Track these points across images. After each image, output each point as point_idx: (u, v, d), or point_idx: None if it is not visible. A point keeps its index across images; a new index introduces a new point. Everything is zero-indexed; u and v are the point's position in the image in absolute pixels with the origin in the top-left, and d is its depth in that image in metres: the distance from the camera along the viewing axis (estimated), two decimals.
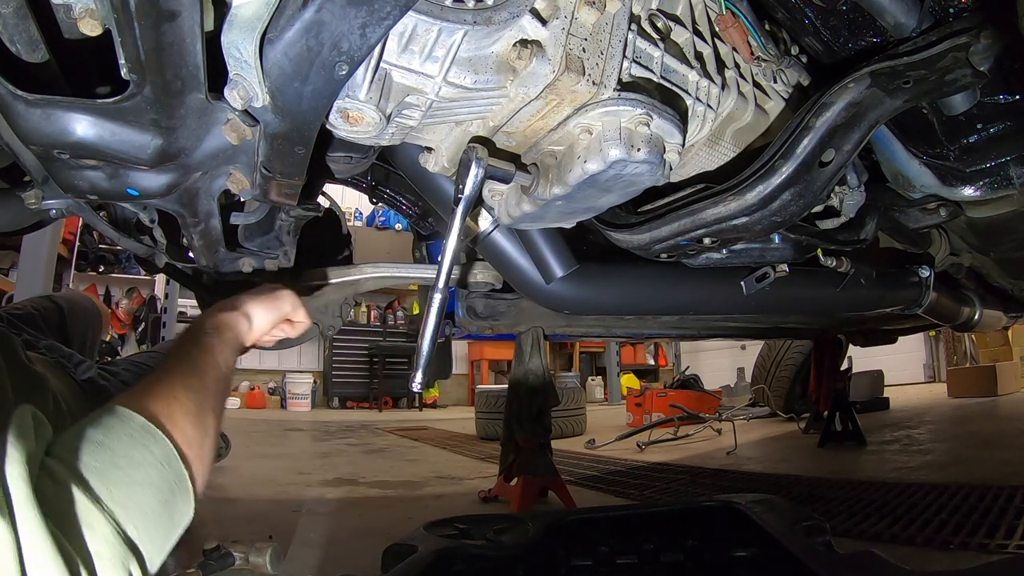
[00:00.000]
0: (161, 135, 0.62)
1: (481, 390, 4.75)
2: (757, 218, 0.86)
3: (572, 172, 0.71)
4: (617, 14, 0.68)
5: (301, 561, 1.45)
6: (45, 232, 3.23)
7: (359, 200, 7.61)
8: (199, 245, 0.94)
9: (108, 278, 6.37)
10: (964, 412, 3.97)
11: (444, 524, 1.11)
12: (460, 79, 0.63)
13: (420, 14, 0.57)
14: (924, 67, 0.75)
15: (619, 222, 0.99)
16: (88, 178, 0.70)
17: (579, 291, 1.11)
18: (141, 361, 1.45)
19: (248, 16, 0.53)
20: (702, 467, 2.70)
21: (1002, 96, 0.87)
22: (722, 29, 0.85)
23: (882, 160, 1.03)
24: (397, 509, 2.11)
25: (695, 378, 5.69)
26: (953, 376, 5.26)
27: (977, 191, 0.97)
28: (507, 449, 2.17)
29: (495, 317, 1.50)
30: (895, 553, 1.25)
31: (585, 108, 0.68)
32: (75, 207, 0.87)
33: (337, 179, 1.07)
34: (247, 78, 0.56)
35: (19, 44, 0.60)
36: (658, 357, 9.78)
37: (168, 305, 5.51)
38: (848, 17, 0.83)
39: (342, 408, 7.70)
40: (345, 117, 0.64)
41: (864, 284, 1.30)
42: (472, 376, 8.65)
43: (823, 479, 2.15)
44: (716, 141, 0.91)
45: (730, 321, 2.11)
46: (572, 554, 1.09)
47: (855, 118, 0.80)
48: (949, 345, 6.52)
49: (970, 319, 1.71)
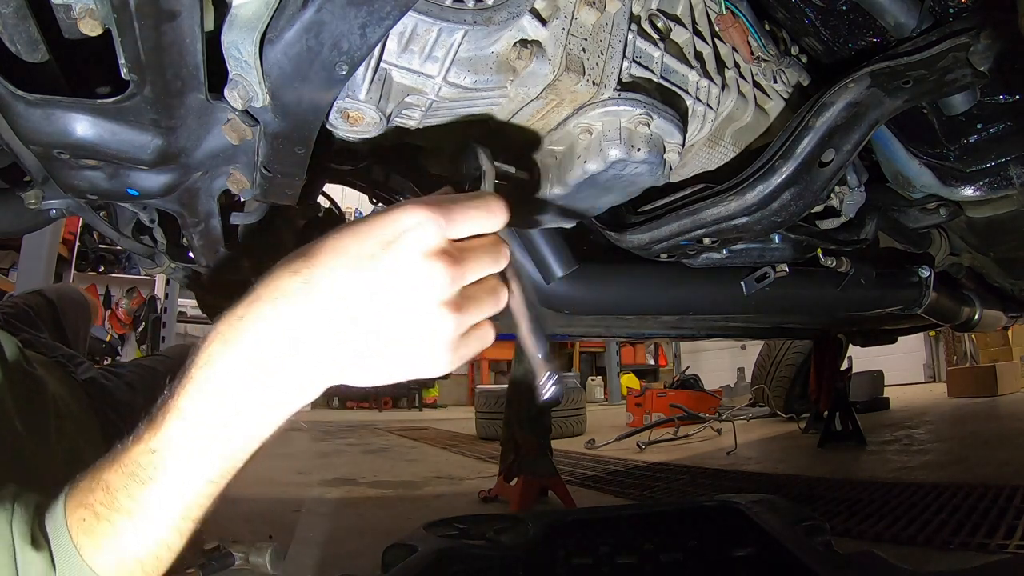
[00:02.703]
0: (161, 135, 0.62)
1: (481, 390, 4.75)
2: (757, 218, 0.86)
3: (572, 172, 0.71)
4: (617, 14, 0.68)
5: (301, 561, 1.45)
6: (45, 232, 3.24)
7: (359, 200, 7.61)
8: (199, 245, 0.94)
9: (108, 278, 6.36)
10: (964, 412, 3.97)
11: (444, 524, 1.12)
12: (460, 79, 0.63)
13: (420, 14, 0.57)
14: (924, 67, 0.75)
15: (619, 222, 0.99)
16: (88, 178, 0.70)
17: (579, 291, 1.11)
18: (147, 364, 1.42)
19: (248, 16, 0.53)
20: (702, 467, 2.70)
21: (1002, 96, 0.87)
22: (722, 29, 0.85)
23: (882, 160, 1.03)
24: (397, 509, 2.11)
25: (695, 378, 5.69)
26: (953, 376, 5.26)
27: (977, 191, 0.97)
28: (507, 449, 2.17)
29: (495, 317, 1.50)
30: (895, 553, 1.25)
31: (585, 108, 0.68)
32: (75, 207, 0.87)
33: (337, 179, 1.07)
34: (247, 78, 0.56)
35: (19, 44, 0.60)
36: (658, 357, 9.78)
37: (168, 305, 5.51)
38: (848, 17, 0.82)
39: (342, 408, 7.70)
40: (345, 117, 0.64)
41: (864, 284, 1.30)
42: (472, 376, 8.66)
43: (823, 479, 2.15)
44: (716, 141, 0.91)
45: (730, 321, 2.11)
46: (572, 554, 1.09)
47: (855, 118, 0.80)
48: (949, 345, 6.53)
49: (970, 319, 1.71)
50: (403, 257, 0.43)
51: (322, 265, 0.43)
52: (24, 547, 0.44)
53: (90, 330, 1.75)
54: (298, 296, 0.43)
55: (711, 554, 1.08)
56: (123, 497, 0.44)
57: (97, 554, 0.44)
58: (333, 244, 0.44)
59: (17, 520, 0.45)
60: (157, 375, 1.28)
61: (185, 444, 0.43)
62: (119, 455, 0.45)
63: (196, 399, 0.44)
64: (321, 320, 0.43)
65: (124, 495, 0.44)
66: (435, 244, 0.44)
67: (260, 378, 0.43)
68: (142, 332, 6.11)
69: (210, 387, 0.44)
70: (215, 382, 0.44)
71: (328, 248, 0.44)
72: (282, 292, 0.43)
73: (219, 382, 0.44)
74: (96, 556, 0.44)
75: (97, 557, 0.44)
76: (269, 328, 0.43)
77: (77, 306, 1.59)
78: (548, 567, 1.06)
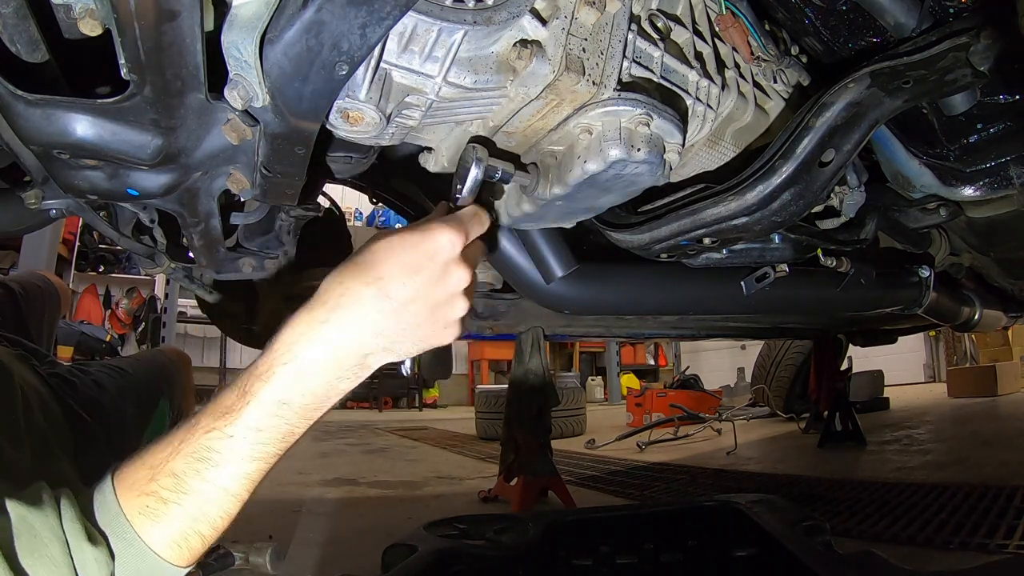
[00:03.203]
0: (161, 135, 0.62)
1: (481, 390, 4.75)
2: (757, 218, 0.86)
3: (572, 172, 0.71)
4: (617, 14, 0.68)
5: (301, 561, 1.45)
6: (45, 232, 3.24)
7: (359, 200, 7.61)
8: (199, 245, 0.94)
9: (108, 278, 6.37)
10: (964, 412, 3.97)
11: (444, 524, 1.12)
12: (460, 79, 0.63)
13: (420, 14, 0.57)
14: (924, 67, 0.75)
15: (619, 222, 0.99)
16: (88, 178, 0.70)
17: (579, 291, 1.11)
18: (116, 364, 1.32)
19: (248, 16, 0.53)
20: (702, 467, 2.70)
21: (1002, 96, 0.87)
22: (722, 29, 0.85)
23: (882, 160, 1.03)
24: (397, 509, 2.12)
25: (695, 378, 5.69)
26: (953, 376, 5.26)
27: (977, 191, 0.97)
28: (507, 449, 2.17)
29: (495, 317, 1.50)
30: (895, 553, 1.25)
31: (585, 108, 0.68)
32: (75, 207, 0.87)
33: (337, 179, 1.07)
34: (247, 78, 0.56)
35: (19, 44, 0.60)
36: (658, 357, 9.79)
37: (168, 305, 5.52)
38: (848, 17, 0.82)
39: (342, 408, 7.70)
40: (345, 117, 0.64)
41: (864, 284, 1.30)
42: (472, 376, 8.66)
43: (823, 479, 2.15)
44: (716, 141, 0.91)
45: (730, 321, 2.11)
46: (572, 554, 1.09)
47: (855, 118, 0.80)
48: (949, 345, 6.53)
49: (970, 319, 1.71)
50: (443, 264, 0.58)
51: (390, 277, 0.56)
52: (81, 544, 0.48)
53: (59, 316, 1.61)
54: (374, 303, 0.55)
55: (711, 554, 1.08)
56: (194, 480, 0.50)
57: (161, 536, 0.50)
58: (390, 256, 0.57)
59: (67, 519, 0.48)
60: (127, 376, 1.23)
61: (264, 429, 0.52)
62: (180, 446, 0.51)
63: (279, 390, 0.53)
64: (394, 321, 0.56)
65: (195, 478, 0.50)
66: (458, 254, 0.59)
67: (341, 370, 0.55)
68: (142, 332, 6.11)
69: (297, 380, 0.53)
70: (303, 376, 0.53)
71: (388, 262, 0.56)
72: (360, 300, 0.55)
73: (306, 376, 0.54)
74: (159, 538, 0.50)
75: (160, 538, 0.50)
76: (357, 330, 0.55)
77: (44, 296, 1.49)
78: (548, 567, 1.06)
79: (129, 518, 0.50)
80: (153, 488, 0.50)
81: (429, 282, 0.57)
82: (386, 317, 0.55)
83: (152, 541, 0.50)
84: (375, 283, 0.55)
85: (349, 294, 0.55)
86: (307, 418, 0.55)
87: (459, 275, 0.59)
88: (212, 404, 0.54)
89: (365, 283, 0.55)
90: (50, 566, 0.46)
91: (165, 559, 0.50)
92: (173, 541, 0.50)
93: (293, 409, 0.54)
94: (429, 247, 0.57)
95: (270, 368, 0.53)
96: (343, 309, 0.55)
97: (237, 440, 0.51)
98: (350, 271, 0.56)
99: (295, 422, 0.54)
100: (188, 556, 0.52)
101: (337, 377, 0.55)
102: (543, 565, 1.05)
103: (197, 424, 0.52)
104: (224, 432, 0.51)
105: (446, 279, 0.58)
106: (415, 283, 0.56)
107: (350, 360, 0.55)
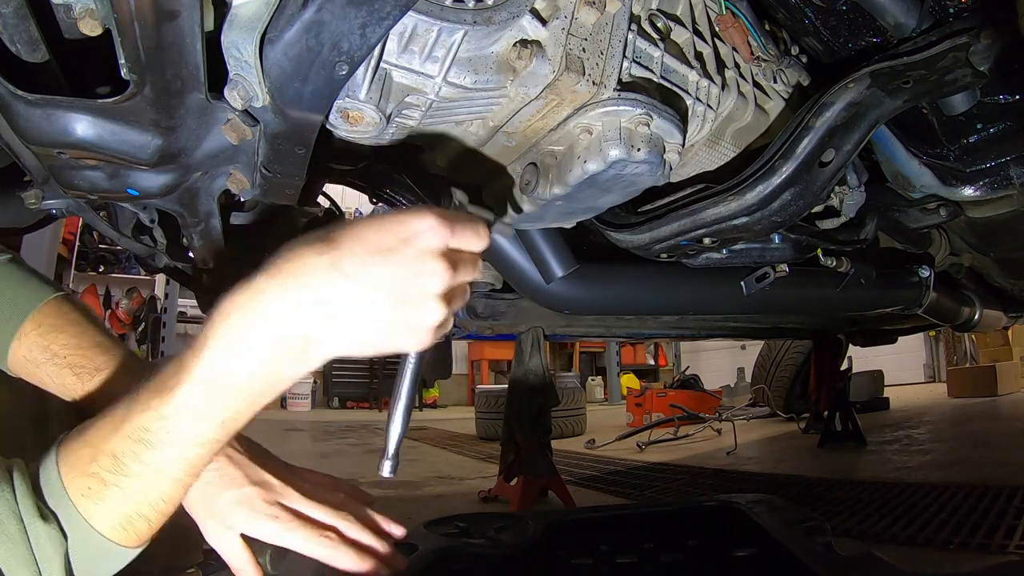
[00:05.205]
0: (161, 135, 0.63)
1: (481, 390, 4.75)
2: (757, 218, 0.86)
3: (572, 172, 0.71)
4: (617, 14, 0.68)
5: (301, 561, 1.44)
6: (45, 232, 3.23)
7: (359, 200, 7.61)
8: (199, 245, 0.94)
9: (108, 278, 6.37)
10: (964, 412, 3.97)
11: (444, 523, 1.11)
12: (460, 79, 0.63)
13: (420, 14, 0.57)
14: (924, 67, 0.75)
15: (619, 222, 0.99)
16: (88, 178, 0.70)
17: (579, 291, 1.11)
18: None
19: (248, 16, 0.53)
20: (702, 467, 2.70)
21: (1002, 96, 0.87)
22: (722, 29, 0.85)
23: (882, 160, 1.03)
24: (397, 509, 2.11)
25: (695, 378, 5.69)
26: (953, 376, 5.26)
27: (977, 191, 0.97)
28: (507, 449, 2.17)
29: (495, 317, 1.50)
30: (895, 553, 1.25)
31: (585, 108, 0.68)
32: (75, 207, 0.87)
33: (337, 179, 1.07)
34: (247, 78, 0.56)
35: (19, 44, 0.60)
36: (658, 357, 9.78)
37: (168, 305, 5.51)
38: (848, 17, 0.82)
39: (342, 408, 7.70)
40: (345, 117, 0.64)
41: (864, 284, 1.30)
42: (472, 376, 8.65)
43: (823, 479, 2.15)
44: (716, 141, 0.91)
45: (730, 321, 2.11)
46: (572, 553, 1.08)
47: (855, 118, 0.80)
48: (949, 345, 6.52)
49: (970, 319, 1.71)
50: (417, 253, 0.49)
51: (348, 251, 0.48)
52: (34, 520, 0.46)
53: None
54: (324, 275, 0.47)
55: (711, 554, 1.08)
56: (132, 462, 0.47)
57: (104, 518, 0.48)
58: (356, 234, 0.49)
59: (20, 493, 0.47)
60: None
61: (199, 409, 0.48)
62: (120, 424, 0.48)
63: (215, 367, 0.47)
64: (344, 299, 0.47)
65: (133, 460, 0.47)
66: (440, 246, 0.51)
67: (281, 348, 0.48)
68: (142, 332, 6.11)
69: (230, 356, 0.47)
70: (237, 351, 0.47)
71: (351, 237, 0.49)
72: (309, 270, 0.47)
73: (241, 351, 0.47)
74: (103, 520, 0.48)
75: (104, 521, 0.48)
76: (297, 301, 0.47)
77: None
78: (548, 566, 1.06)
79: (73, 500, 0.47)
80: (94, 469, 0.48)
81: (397, 269, 0.48)
82: (337, 294, 0.47)
83: (97, 523, 0.48)
84: (329, 253, 0.47)
85: (297, 261, 0.48)
86: (250, 402, 0.49)
87: (436, 271, 0.50)
88: (155, 377, 0.49)
89: (318, 252, 0.48)
90: (8, 544, 0.44)
91: (113, 540, 0.49)
92: (118, 524, 0.49)
93: (230, 391, 0.47)
94: (403, 230, 0.50)
95: (204, 342, 0.47)
96: (286, 277, 0.47)
97: (172, 421, 0.47)
98: (308, 241, 0.49)
99: (235, 406, 0.48)
100: (136, 538, 0.50)
101: (277, 356, 0.48)
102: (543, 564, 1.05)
103: (137, 398, 0.49)
104: (159, 412, 0.47)
105: (419, 272, 0.49)
106: (378, 265, 0.48)
107: (292, 340, 0.47)
